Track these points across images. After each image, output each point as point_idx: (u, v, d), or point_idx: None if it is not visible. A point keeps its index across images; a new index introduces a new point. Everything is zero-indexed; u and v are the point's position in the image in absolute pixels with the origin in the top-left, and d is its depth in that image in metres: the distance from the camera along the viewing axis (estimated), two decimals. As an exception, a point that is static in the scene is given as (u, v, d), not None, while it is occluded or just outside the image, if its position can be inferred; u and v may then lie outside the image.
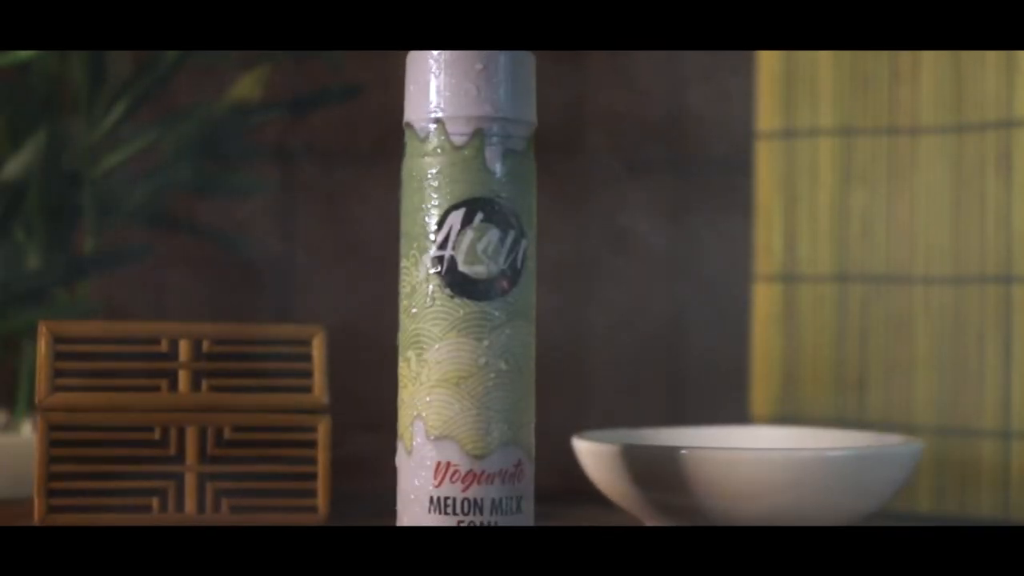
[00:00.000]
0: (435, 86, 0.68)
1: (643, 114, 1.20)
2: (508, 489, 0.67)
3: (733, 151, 1.12)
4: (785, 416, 0.95)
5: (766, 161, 0.96)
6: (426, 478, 0.67)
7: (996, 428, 0.88)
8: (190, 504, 0.79)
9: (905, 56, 0.92)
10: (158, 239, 1.13)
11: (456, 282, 0.67)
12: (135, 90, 1.00)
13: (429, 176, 0.67)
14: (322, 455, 0.80)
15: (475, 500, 0.66)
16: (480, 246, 0.67)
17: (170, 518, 0.79)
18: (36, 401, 0.78)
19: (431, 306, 0.67)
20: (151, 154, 1.03)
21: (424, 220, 0.68)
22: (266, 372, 0.79)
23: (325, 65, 1.07)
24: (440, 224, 0.67)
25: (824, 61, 0.94)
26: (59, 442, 0.78)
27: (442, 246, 0.67)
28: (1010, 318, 0.87)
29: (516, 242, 0.67)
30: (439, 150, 0.67)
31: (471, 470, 0.66)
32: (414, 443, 0.68)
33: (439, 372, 0.67)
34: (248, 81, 1.03)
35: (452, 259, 0.67)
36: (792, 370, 0.95)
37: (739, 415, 1.00)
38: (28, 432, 0.97)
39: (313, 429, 0.80)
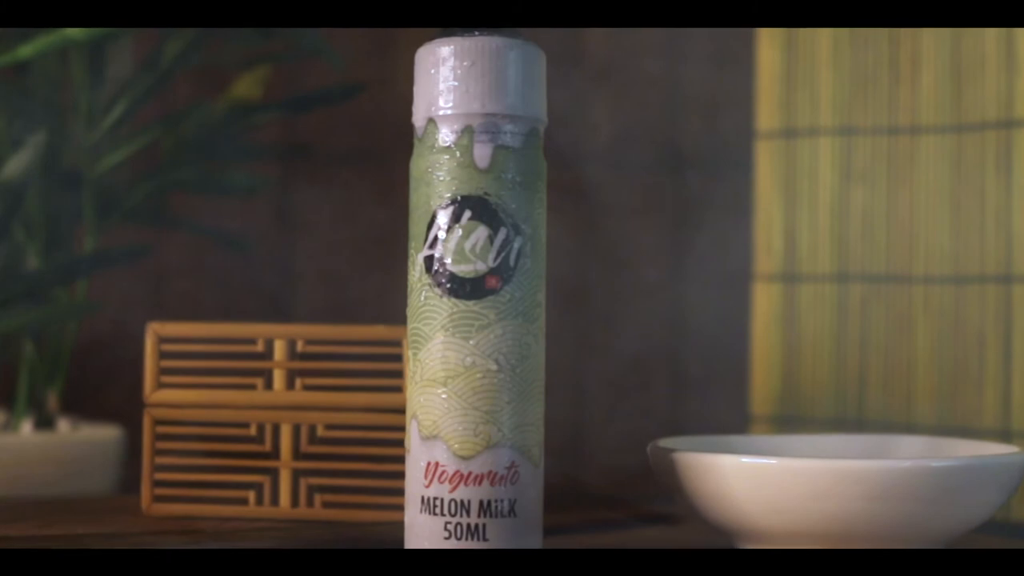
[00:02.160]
0: (430, 85, 0.67)
1: (642, 114, 1.20)
2: (499, 491, 0.66)
3: (733, 151, 1.12)
4: (785, 416, 0.94)
5: (766, 161, 0.96)
6: (419, 478, 0.67)
7: (996, 428, 0.87)
8: (284, 499, 0.81)
9: (905, 56, 0.92)
10: (158, 239, 1.13)
11: (444, 281, 0.66)
12: (135, 90, 1.00)
13: (426, 175, 0.67)
14: None
15: (462, 501, 0.66)
16: (468, 244, 0.66)
17: (265, 511, 0.81)
18: (143, 398, 0.81)
19: (423, 305, 0.67)
20: (151, 154, 1.03)
21: (420, 219, 0.67)
22: (358, 372, 0.81)
23: (325, 65, 1.07)
24: (431, 223, 0.67)
25: (824, 61, 0.94)
26: (163, 436, 0.81)
27: (432, 245, 0.67)
28: (1010, 318, 0.87)
29: (508, 240, 0.67)
30: (433, 149, 0.67)
31: (458, 470, 0.66)
32: (411, 443, 0.67)
33: (430, 372, 0.66)
34: (248, 81, 1.03)
35: (441, 258, 0.66)
36: (792, 370, 0.95)
37: (739, 415, 1.00)
38: (28, 432, 0.97)
39: (403, 428, 0.80)
